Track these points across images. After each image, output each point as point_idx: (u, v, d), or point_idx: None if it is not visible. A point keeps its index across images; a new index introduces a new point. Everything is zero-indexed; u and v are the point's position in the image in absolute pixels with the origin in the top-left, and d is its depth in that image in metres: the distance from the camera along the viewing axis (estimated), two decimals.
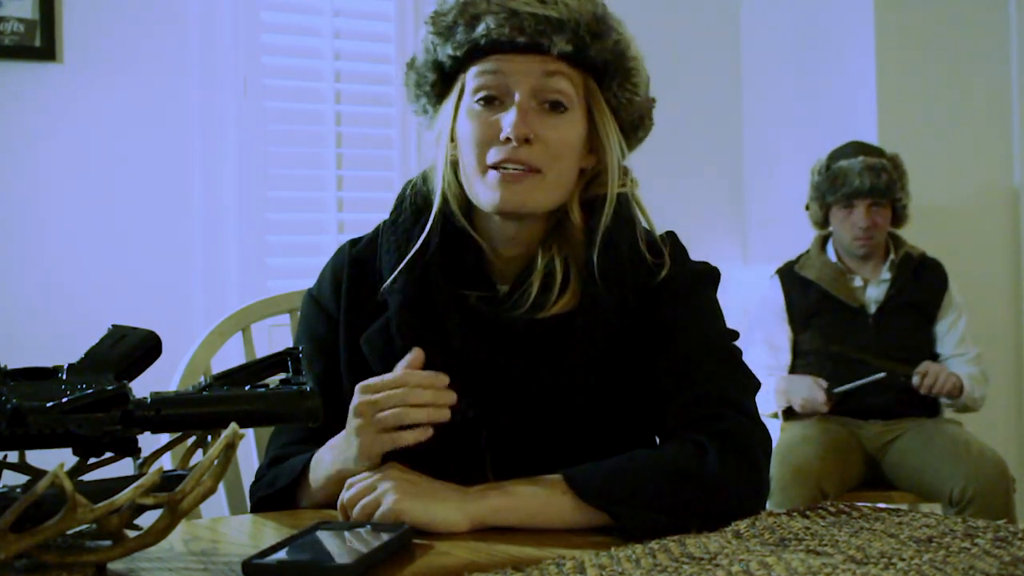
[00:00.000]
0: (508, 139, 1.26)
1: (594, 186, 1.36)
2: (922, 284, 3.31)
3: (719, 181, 4.09)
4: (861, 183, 3.24)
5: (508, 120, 1.27)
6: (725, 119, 4.09)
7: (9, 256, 2.90)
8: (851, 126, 3.69)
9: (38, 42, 2.90)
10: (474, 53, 1.30)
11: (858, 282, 3.33)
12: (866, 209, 3.26)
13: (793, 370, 3.34)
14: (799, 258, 3.43)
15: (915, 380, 3.16)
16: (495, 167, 1.28)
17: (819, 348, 3.28)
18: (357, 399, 1.20)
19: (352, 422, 1.20)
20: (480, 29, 1.28)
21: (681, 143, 3.83)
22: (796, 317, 3.34)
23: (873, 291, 3.32)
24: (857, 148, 3.33)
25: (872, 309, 3.29)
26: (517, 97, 1.28)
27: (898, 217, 3.33)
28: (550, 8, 1.27)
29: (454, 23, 1.29)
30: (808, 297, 3.32)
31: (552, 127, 1.29)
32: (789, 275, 3.39)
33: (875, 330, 3.26)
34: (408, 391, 1.17)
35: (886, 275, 3.32)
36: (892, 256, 3.34)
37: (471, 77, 1.31)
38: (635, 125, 1.37)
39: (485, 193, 1.30)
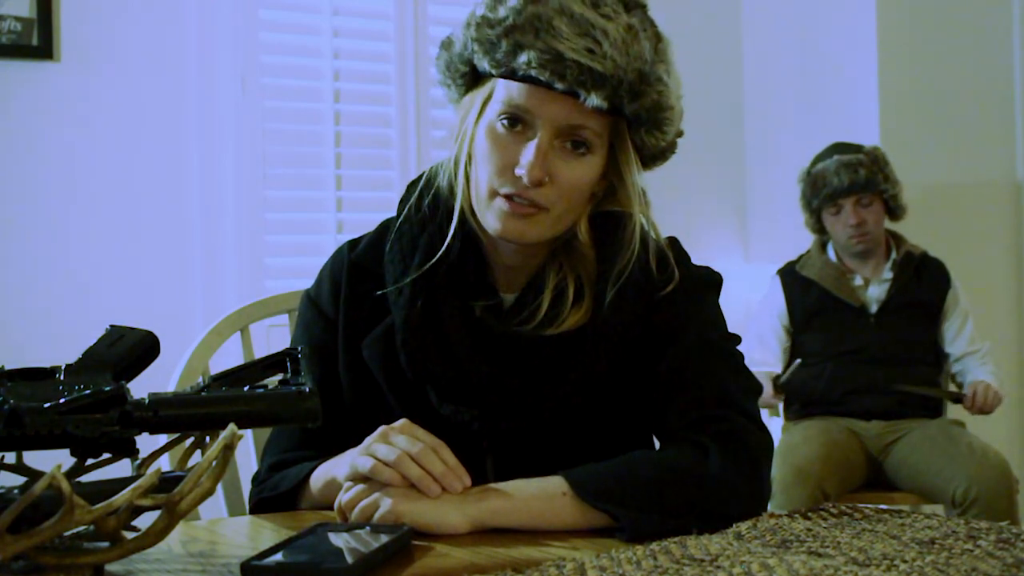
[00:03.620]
0: (521, 176, 1.24)
1: (605, 203, 1.34)
2: (924, 283, 3.32)
3: (721, 180, 4.09)
4: (839, 181, 3.26)
5: (526, 158, 1.24)
6: (727, 117, 4.09)
7: (6, 256, 2.90)
8: (853, 124, 3.69)
9: (35, 41, 2.90)
10: (510, 75, 1.26)
11: (859, 281, 3.33)
12: (852, 207, 3.26)
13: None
14: (800, 258, 3.43)
15: (966, 402, 3.22)
16: (504, 196, 1.26)
17: (821, 348, 3.28)
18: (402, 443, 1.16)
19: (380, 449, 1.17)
20: (521, 59, 1.23)
21: (683, 141, 3.82)
22: (797, 317, 3.34)
23: (874, 290, 3.32)
24: (833, 148, 3.34)
25: (873, 308, 3.29)
26: (539, 135, 1.25)
27: (892, 210, 3.32)
28: (596, 60, 1.21)
29: (497, 40, 1.24)
30: (809, 297, 3.33)
31: (569, 168, 1.26)
32: (790, 275, 3.39)
33: (876, 329, 3.26)
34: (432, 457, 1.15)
35: (887, 274, 3.32)
36: (894, 255, 3.34)
37: (500, 91, 1.27)
38: (656, 158, 1.35)
39: (489, 218, 1.29)
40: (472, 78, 1.32)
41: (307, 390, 0.97)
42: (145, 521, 0.95)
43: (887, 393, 3.19)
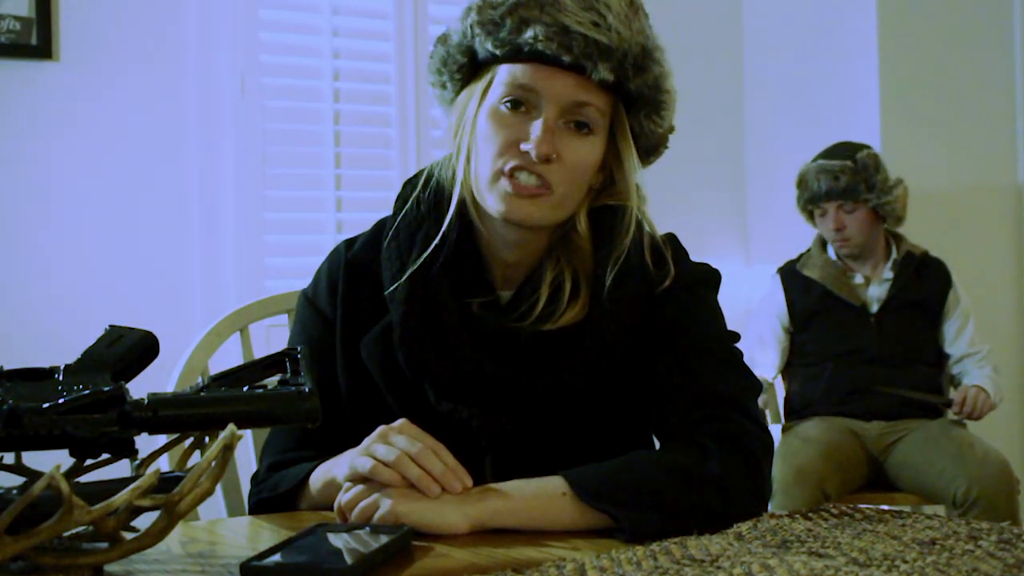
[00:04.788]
0: (528, 152, 1.25)
1: (602, 197, 1.35)
2: (924, 283, 3.31)
3: (721, 180, 4.08)
4: (818, 187, 3.28)
5: (533, 134, 1.25)
6: (727, 117, 4.09)
7: (5, 256, 2.89)
8: (853, 124, 3.68)
9: (35, 40, 2.89)
10: (514, 55, 1.28)
11: (859, 280, 3.33)
12: (834, 211, 3.27)
13: (792, 370, 3.35)
14: (800, 257, 3.43)
15: (954, 408, 3.21)
16: (509, 174, 1.26)
17: (821, 348, 3.28)
18: (402, 443, 1.15)
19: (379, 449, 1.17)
20: (527, 35, 1.25)
21: (683, 142, 3.78)
22: (797, 316, 3.34)
23: (875, 290, 3.32)
24: (831, 150, 3.33)
25: (874, 308, 3.29)
26: (545, 113, 1.26)
27: (880, 217, 3.31)
28: (602, 33, 1.24)
29: (501, 20, 1.26)
30: (810, 296, 3.33)
31: (573, 148, 1.27)
32: (791, 274, 3.39)
33: (877, 329, 3.26)
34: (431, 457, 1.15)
35: (888, 274, 3.32)
36: (894, 255, 3.33)
37: (503, 75, 1.28)
38: (650, 151, 1.36)
39: (493, 199, 1.29)
40: (470, 70, 1.32)
41: (307, 390, 0.97)
42: (145, 521, 0.95)
43: (879, 395, 3.18)
